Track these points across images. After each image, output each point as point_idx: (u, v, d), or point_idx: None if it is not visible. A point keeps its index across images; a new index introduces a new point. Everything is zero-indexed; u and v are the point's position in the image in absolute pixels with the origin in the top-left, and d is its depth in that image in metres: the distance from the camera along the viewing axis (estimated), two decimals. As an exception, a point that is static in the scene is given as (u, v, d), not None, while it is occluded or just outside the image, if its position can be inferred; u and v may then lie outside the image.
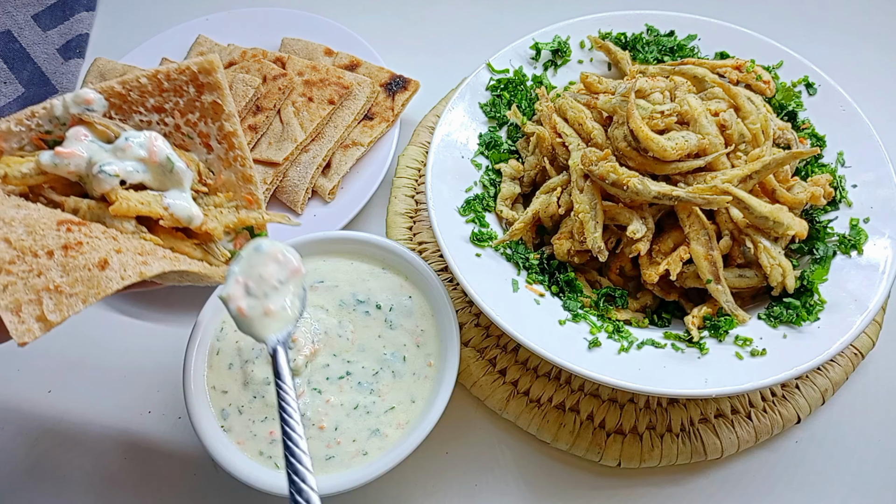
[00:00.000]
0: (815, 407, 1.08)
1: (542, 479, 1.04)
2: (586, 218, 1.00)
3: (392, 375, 1.00)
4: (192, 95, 0.82)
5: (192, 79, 0.82)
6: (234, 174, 0.85)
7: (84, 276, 0.66)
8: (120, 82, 0.81)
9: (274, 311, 0.80)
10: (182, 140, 0.84)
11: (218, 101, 0.83)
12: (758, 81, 1.17)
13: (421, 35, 1.54)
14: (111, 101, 0.81)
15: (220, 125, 0.83)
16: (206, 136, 0.84)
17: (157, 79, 0.82)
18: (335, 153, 1.31)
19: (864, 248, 1.02)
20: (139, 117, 0.83)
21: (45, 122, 0.79)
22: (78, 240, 0.69)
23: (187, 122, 0.83)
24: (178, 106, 0.83)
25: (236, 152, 0.84)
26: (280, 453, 0.94)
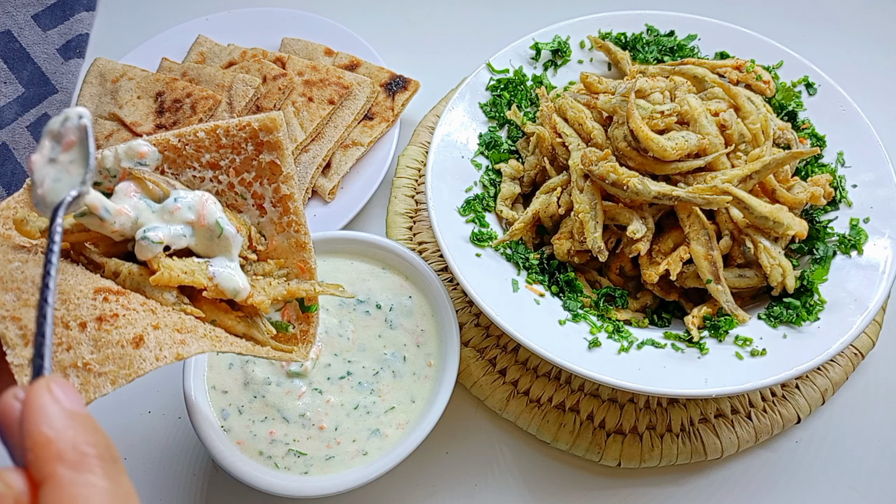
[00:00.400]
0: (815, 407, 1.08)
1: (542, 479, 1.04)
2: (586, 218, 1.00)
3: (392, 375, 1.00)
4: (249, 154, 0.77)
5: (252, 136, 0.77)
6: (286, 240, 0.79)
7: (116, 354, 0.62)
8: (177, 135, 0.77)
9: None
10: (234, 200, 0.79)
11: (277, 161, 0.77)
12: (758, 81, 1.17)
13: (421, 35, 1.54)
14: (165, 153, 0.76)
15: (277, 187, 0.78)
16: (261, 197, 0.79)
17: (216, 133, 0.77)
18: (335, 153, 1.31)
19: (864, 248, 1.02)
20: (192, 172, 0.78)
21: (95, 173, 0.74)
22: (114, 311, 0.64)
23: (242, 181, 0.78)
24: (234, 164, 0.78)
25: (291, 217, 0.79)
26: (280, 453, 0.94)
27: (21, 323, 0.60)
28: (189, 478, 1.05)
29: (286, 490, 0.91)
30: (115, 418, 1.09)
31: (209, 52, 1.42)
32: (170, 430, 1.09)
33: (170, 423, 1.09)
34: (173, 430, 1.09)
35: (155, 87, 1.34)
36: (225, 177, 0.78)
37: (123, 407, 1.10)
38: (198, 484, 1.04)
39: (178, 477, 1.05)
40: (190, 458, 1.06)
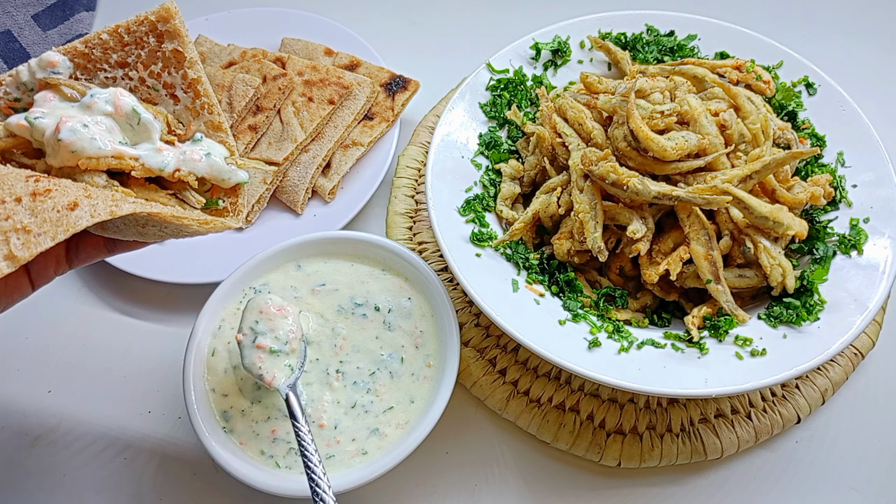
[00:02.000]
0: (815, 407, 1.08)
1: (542, 478, 1.04)
2: (586, 218, 1.00)
3: (389, 376, 1.00)
4: (152, 46, 0.81)
5: (152, 28, 0.81)
6: (203, 123, 0.83)
7: (53, 217, 0.66)
8: (82, 41, 0.81)
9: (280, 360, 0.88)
10: (149, 94, 0.83)
11: (179, 48, 0.81)
12: (758, 81, 1.17)
13: (421, 35, 1.54)
14: (75, 61, 0.81)
15: (184, 73, 0.82)
16: (172, 86, 0.83)
17: (118, 33, 0.81)
18: (335, 153, 1.31)
19: (864, 248, 1.02)
20: (104, 75, 0.82)
21: (13, 89, 0.80)
22: (47, 188, 0.68)
23: (151, 73, 0.82)
24: (140, 58, 0.82)
25: (202, 100, 0.83)
26: (282, 452, 0.95)
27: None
28: (189, 478, 1.05)
29: (286, 490, 0.91)
30: (115, 418, 1.09)
31: (209, 51, 1.42)
32: (170, 430, 1.09)
33: (170, 423, 1.09)
34: (173, 430, 1.09)
35: (155, 87, 1.34)
36: (135, 73, 0.81)
37: (123, 407, 1.10)
38: (198, 484, 1.04)
39: (178, 477, 1.05)
40: (190, 458, 1.06)
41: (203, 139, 0.83)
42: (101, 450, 1.07)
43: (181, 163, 0.78)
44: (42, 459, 1.07)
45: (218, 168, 0.81)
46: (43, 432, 1.09)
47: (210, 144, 0.83)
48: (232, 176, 0.83)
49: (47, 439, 1.08)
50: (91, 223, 0.66)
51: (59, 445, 1.08)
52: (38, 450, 1.07)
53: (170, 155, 0.78)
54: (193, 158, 0.79)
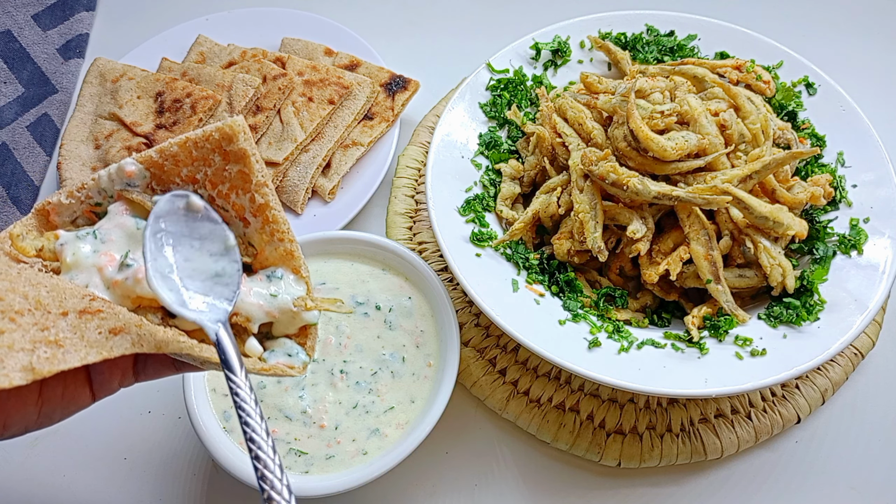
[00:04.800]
0: (815, 407, 1.08)
1: (542, 479, 1.04)
2: (586, 218, 1.00)
3: (391, 376, 1.00)
4: (218, 165, 0.74)
5: (216, 146, 0.73)
6: (275, 250, 0.76)
7: (92, 338, 0.62)
8: (157, 150, 0.74)
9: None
10: (219, 213, 0.75)
11: (245, 170, 0.73)
12: (758, 81, 1.17)
13: (421, 35, 1.54)
14: (151, 171, 0.74)
15: (251, 197, 0.74)
16: (241, 208, 0.75)
17: (187, 146, 0.74)
18: (335, 153, 1.31)
19: (864, 248, 1.02)
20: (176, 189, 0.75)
21: (94, 193, 0.74)
22: (99, 308, 0.64)
23: (220, 193, 0.74)
24: (208, 176, 0.74)
25: (272, 227, 0.75)
26: (282, 452, 0.94)
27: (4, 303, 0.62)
28: (189, 478, 1.05)
29: (286, 490, 0.91)
30: (115, 418, 1.09)
31: (209, 52, 1.42)
32: (170, 430, 1.09)
33: (170, 423, 1.09)
34: (173, 430, 1.09)
35: (155, 87, 1.34)
36: (204, 190, 0.75)
37: (123, 407, 1.10)
38: (198, 484, 1.04)
39: (178, 477, 1.05)
40: (190, 458, 1.06)
41: (283, 278, 0.75)
42: (101, 450, 1.07)
43: (237, 306, 0.71)
44: (42, 459, 1.07)
45: (281, 309, 0.73)
46: (43, 432, 1.09)
47: (287, 285, 0.75)
48: (297, 319, 0.75)
49: (47, 439, 1.08)
50: (129, 352, 0.62)
51: (59, 445, 1.08)
52: (38, 450, 1.07)
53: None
54: (251, 301, 0.72)
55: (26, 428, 0.69)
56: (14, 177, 1.34)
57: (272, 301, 0.73)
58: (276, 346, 0.75)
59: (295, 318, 0.74)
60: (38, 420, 0.69)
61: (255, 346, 0.72)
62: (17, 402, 0.67)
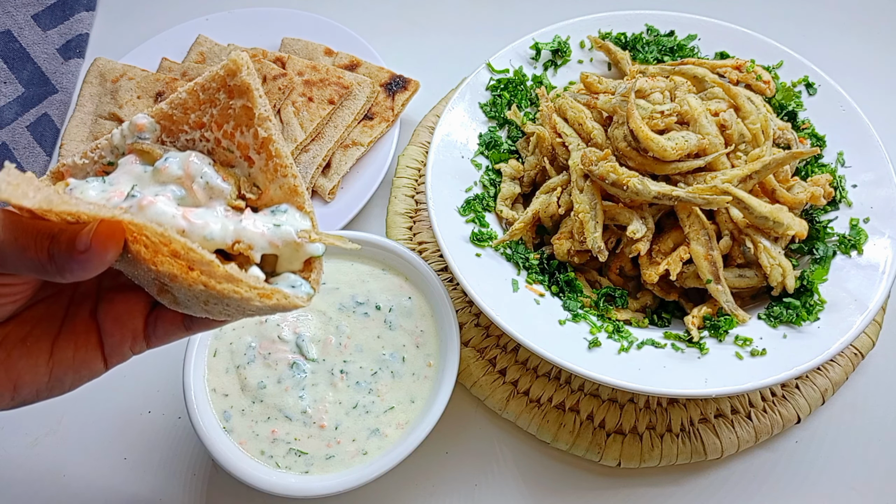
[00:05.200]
0: (815, 407, 1.08)
1: (541, 478, 1.04)
2: (586, 218, 1.00)
3: (391, 375, 1.00)
4: (223, 103, 0.75)
5: (222, 84, 0.74)
6: (280, 188, 0.75)
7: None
8: (168, 102, 0.76)
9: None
10: (224, 156, 0.76)
11: (248, 104, 0.74)
12: (758, 81, 1.17)
13: (421, 35, 1.54)
14: (162, 123, 0.76)
15: (255, 132, 0.74)
16: (246, 146, 0.75)
17: (195, 90, 0.75)
18: (335, 153, 1.31)
19: (864, 248, 1.02)
20: (185, 136, 0.77)
21: (107, 153, 0.75)
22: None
23: (225, 134, 0.75)
24: (213, 118, 0.75)
25: (275, 161, 0.75)
26: (282, 452, 0.94)
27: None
28: (189, 478, 1.05)
29: (286, 490, 0.91)
30: (116, 418, 1.09)
31: (209, 52, 1.42)
32: (170, 430, 1.09)
33: (170, 423, 1.09)
34: (173, 430, 1.09)
35: (155, 87, 1.34)
36: (210, 133, 0.76)
37: (123, 407, 1.10)
38: (198, 484, 1.04)
39: (178, 477, 1.05)
40: (190, 458, 1.06)
41: (288, 212, 0.74)
42: (101, 450, 1.07)
43: (238, 233, 0.70)
44: (42, 459, 1.07)
45: (284, 240, 0.72)
46: (43, 432, 1.09)
47: (291, 218, 0.74)
48: (300, 250, 0.73)
49: (47, 439, 1.08)
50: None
51: (59, 445, 1.08)
52: (37, 450, 1.07)
53: (227, 225, 0.70)
54: (253, 230, 0.71)
55: (37, 392, 0.69)
56: (14, 177, 1.34)
57: (276, 231, 0.72)
58: (280, 280, 0.73)
59: (298, 250, 0.73)
60: (50, 384, 0.69)
61: (258, 272, 0.71)
62: (28, 361, 0.67)
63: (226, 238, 0.70)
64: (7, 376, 0.66)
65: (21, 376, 0.67)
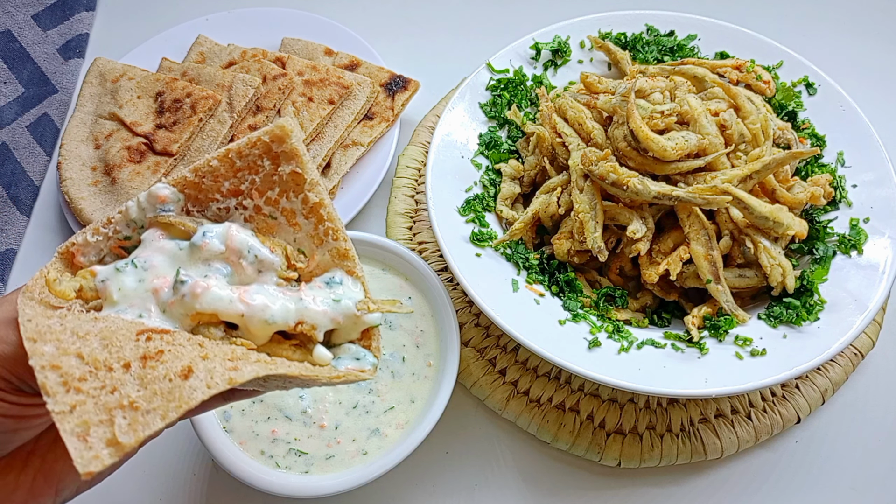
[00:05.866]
0: (815, 407, 1.08)
1: (541, 478, 1.04)
2: (586, 218, 1.00)
3: (391, 376, 1.00)
4: (268, 170, 0.72)
5: (266, 151, 0.72)
6: (327, 252, 0.73)
7: (164, 389, 0.57)
8: (192, 170, 0.72)
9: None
10: (266, 223, 0.73)
11: (298, 170, 0.72)
12: (758, 81, 1.17)
13: (421, 35, 1.54)
14: (186, 192, 0.72)
15: (305, 197, 0.72)
16: (292, 213, 0.73)
17: (229, 158, 0.72)
18: (335, 153, 1.31)
19: (864, 248, 1.02)
20: (216, 206, 0.73)
21: (123, 227, 0.71)
22: (158, 349, 0.60)
23: (268, 201, 0.73)
24: (255, 185, 0.72)
25: (327, 225, 0.73)
26: (282, 452, 0.94)
27: (61, 371, 0.57)
28: (189, 478, 1.05)
29: (286, 490, 0.91)
30: (115, 418, 1.09)
31: (209, 51, 1.42)
32: (170, 430, 1.08)
33: (170, 423, 1.09)
34: (173, 430, 1.08)
35: (155, 87, 1.34)
36: (249, 201, 0.73)
37: (123, 407, 1.10)
38: (198, 484, 1.04)
39: (178, 477, 1.05)
40: (190, 458, 1.06)
41: (343, 283, 0.73)
42: (101, 450, 1.07)
43: (301, 314, 0.69)
44: (42, 459, 1.07)
45: (345, 315, 0.71)
46: (43, 432, 1.08)
47: (347, 289, 0.72)
48: (359, 323, 0.72)
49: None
50: (207, 396, 0.58)
51: (59, 445, 1.08)
52: (38, 450, 1.07)
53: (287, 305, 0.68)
54: (315, 308, 0.70)
55: (77, 489, 0.68)
56: (14, 177, 1.34)
57: (336, 307, 0.71)
58: (342, 352, 0.73)
59: (357, 322, 0.72)
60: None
61: (325, 353, 0.70)
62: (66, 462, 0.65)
63: (288, 320, 0.68)
64: (46, 482, 0.65)
65: (62, 479, 0.66)
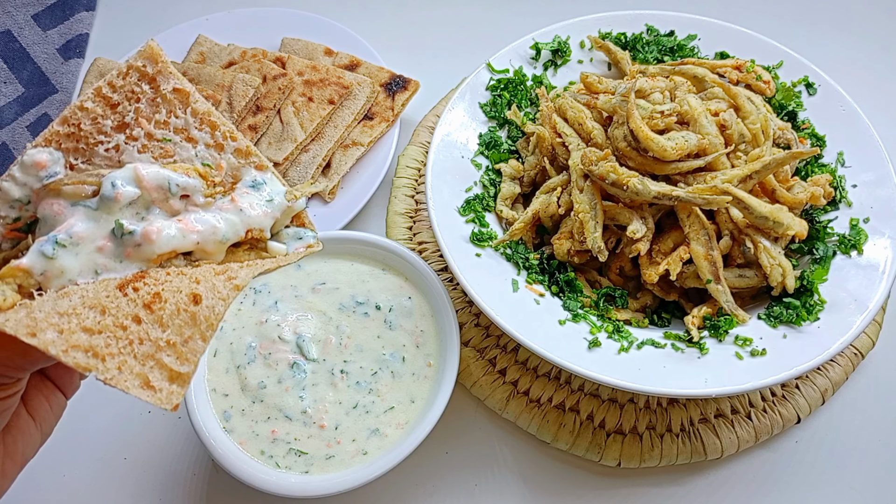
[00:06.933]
0: (815, 407, 1.08)
1: (541, 478, 1.04)
2: (586, 218, 1.00)
3: (391, 375, 1.00)
4: (149, 94, 0.71)
5: (142, 74, 0.71)
6: (231, 155, 0.74)
7: (185, 320, 0.60)
8: (60, 120, 0.68)
9: None
10: (162, 149, 0.71)
11: (178, 85, 0.71)
12: (758, 81, 1.17)
13: (421, 35, 1.54)
14: (64, 147, 0.68)
15: (193, 109, 0.72)
16: (184, 129, 0.72)
17: (102, 95, 0.70)
18: (335, 153, 1.31)
19: (864, 248, 1.02)
20: (103, 148, 0.69)
21: (7, 210, 0.66)
22: (153, 292, 0.61)
23: (157, 124, 0.71)
24: (141, 113, 0.71)
25: (222, 129, 0.73)
26: (282, 452, 0.94)
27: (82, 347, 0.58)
28: (189, 478, 1.05)
29: (286, 490, 0.91)
30: (116, 418, 1.09)
31: (209, 51, 1.42)
32: (170, 430, 1.09)
33: (170, 423, 1.09)
34: (173, 430, 1.09)
35: (155, 87, 1.34)
36: (139, 130, 0.70)
37: (124, 407, 1.10)
38: (198, 484, 1.04)
39: (178, 477, 1.05)
40: (190, 458, 1.06)
41: (266, 183, 0.74)
42: (101, 450, 1.07)
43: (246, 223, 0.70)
44: (42, 459, 1.06)
45: (281, 210, 0.73)
46: (43, 432, 1.08)
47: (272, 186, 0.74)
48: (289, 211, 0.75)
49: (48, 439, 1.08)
50: (227, 306, 0.60)
51: (60, 445, 1.08)
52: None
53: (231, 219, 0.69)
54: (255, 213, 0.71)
55: (35, 450, 0.74)
56: (14, 177, 1.34)
57: (271, 205, 0.73)
58: (285, 238, 0.76)
59: (289, 211, 0.76)
60: (42, 438, 0.75)
61: (278, 246, 0.74)
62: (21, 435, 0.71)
63: (238, 232, 0.70)
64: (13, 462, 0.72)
65: (27, 447, 0.72)
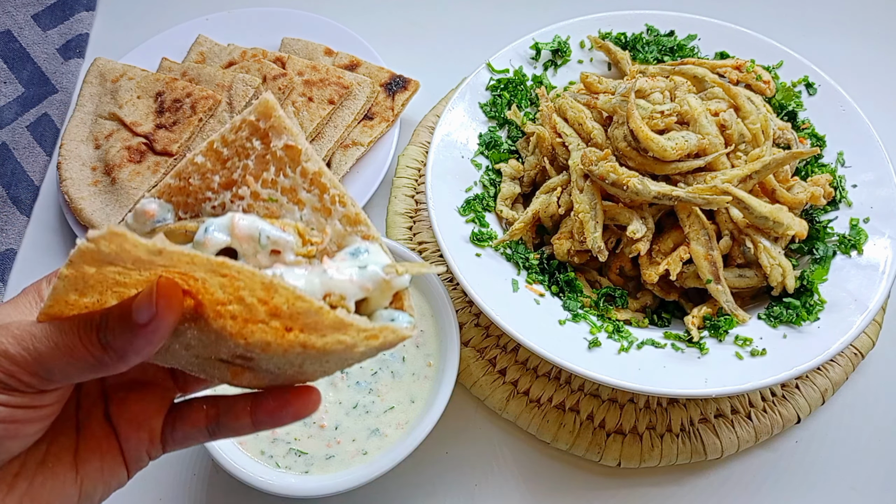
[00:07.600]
0: (815, 407, 1.08)
1: (541, 479, 1.04)
2: (586, 218, 1.00)
3: (391, 375, 1.00)
4: (259, 150, 0.68)
5: (254, 131, 0.67)
6: (338, 221, 0.69)
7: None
8: (175, 174, 0.67)
9: None
10: (267, 209, 0.69)
11: (290, 142, 0.67)
12: (758, 81, 1.17)
13: (421, 35, 1.54)
14: (174, 200, 0.67)
15: (303, 169, 0.68)
16: (292, 190, 0.69)
17: (214, 149, 0.68)
18: (335, 153, 1.31)
19: (864, 248, 1.02)
20: (209, 205, 0.68)
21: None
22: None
23: (264, 183, 0.68)
24: (248, 170, 0.68)
25: (331, 193, 0.69)
26: (281, 452, 0.94)
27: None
28: (189, 478, 1.05)
29: (286, 490, 0.91)
30: (115, 418, 1.09)
31: (209, 51, 1.42)
32: (170, 430, 1.08)
33: (170, 423, 1.09)
34: (173, 430, 1.08)
35: (155, 87, 1.34)
36: (245, 189, 0.68)
37: (123, 407, 1.10)
38: (198, 484, 1.04)
39: (178, 477, 1.05)
40: (190, 458, 1.06)
41: (368, 253, 0.68)
42: (101, 450, 1.07)
43: (327, 285, 0.64)
44: (42, 459, 1.07)
45: (374, 281, 0.67)
46: (43, 432, 1.08)
47: (371, 255, 0.68)
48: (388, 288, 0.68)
49: None
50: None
51: (59, 445, 1.08)
52: (38, 450, 1.07)
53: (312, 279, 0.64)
54: (341, 278, 0.65)
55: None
56: (14, 177, 1.34)
57: (363, 273, 0.67)
58: (375, 319, 0.68)
59: (387, 287, 0.68)
60: (80, 501, 0.62)
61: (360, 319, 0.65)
62: (54, 483, 0.60)
63: (315, 293, 0.63)
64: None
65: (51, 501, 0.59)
